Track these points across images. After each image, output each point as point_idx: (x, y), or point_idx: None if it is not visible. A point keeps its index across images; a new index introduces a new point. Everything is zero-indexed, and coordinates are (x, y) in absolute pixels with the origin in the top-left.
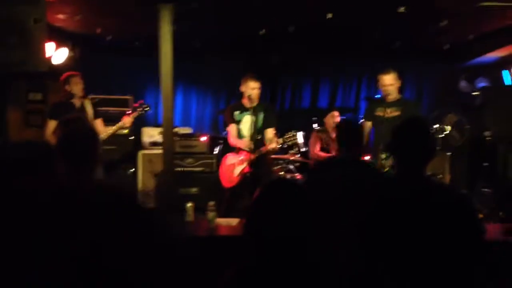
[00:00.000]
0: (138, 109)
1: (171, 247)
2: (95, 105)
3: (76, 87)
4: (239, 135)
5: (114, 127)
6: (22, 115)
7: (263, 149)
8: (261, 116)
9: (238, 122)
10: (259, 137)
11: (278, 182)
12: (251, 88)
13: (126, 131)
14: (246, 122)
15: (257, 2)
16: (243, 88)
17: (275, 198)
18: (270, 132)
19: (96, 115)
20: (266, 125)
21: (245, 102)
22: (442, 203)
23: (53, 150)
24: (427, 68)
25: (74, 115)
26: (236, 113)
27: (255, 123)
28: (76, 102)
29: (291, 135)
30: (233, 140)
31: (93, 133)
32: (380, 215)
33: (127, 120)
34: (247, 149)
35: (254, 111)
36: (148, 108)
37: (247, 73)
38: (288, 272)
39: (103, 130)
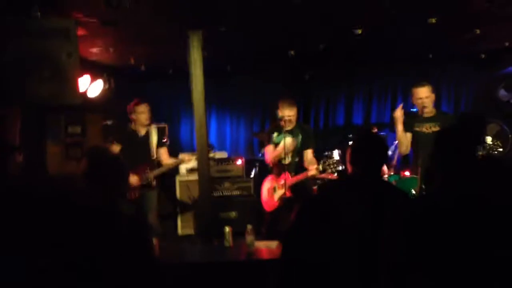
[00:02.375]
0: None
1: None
2: (161, 133)
3: (141, 116)
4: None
5: (174, 162)
6: (62, 148)
7: (301, 176)
8: (299, 138)
9: (276, 144)
10: (297, 160)
11: (314, 202)
12: (287, 115)
13: None
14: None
15: (285, 22)
16: (279, 112)
17: (313, 221)
18: (309, 153)
19: (160, 143)
20: (304, 146)
21: (283, 124)
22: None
23: None
24: (464, 78)
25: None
26: (275, 135)
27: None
28: (141, 130)
29: (331, 162)
30: (270, 156)
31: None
32: (426, 230)
33: (188, 158)
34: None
35: (292, 134)
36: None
37: (282, 97)
38: None
39: (167, 158)
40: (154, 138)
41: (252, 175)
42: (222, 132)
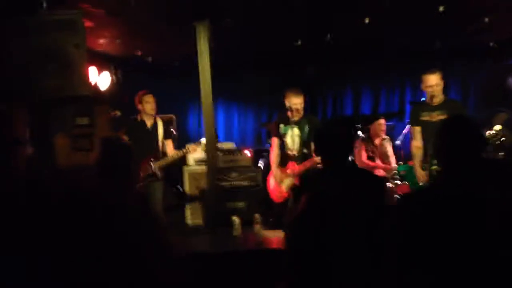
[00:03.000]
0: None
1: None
2: (167, 125)
3: (148, 105)
4: (285, 148)
5: (180, 153)
6: (70, 140)
7: (308, 163)
8: (306, 129)
9: (283, 135)
10: (305, 151)
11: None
12: (294, 104)
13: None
14: (291, 136)
15: (291, 13)
16: (286, 102)
17: (317, 213)
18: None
19: (168, 135)
20: (311, 138)
21: (290, 114)
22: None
23: None
24: (472, 67)
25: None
26: (282, 126)
27: (300, 136)
28: (148, 121)
29: None
30: (272, 157)
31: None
32: (427, 227)
33: (192, 148)
34: (277, 178)
35: (299, 125)
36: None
37: (289, 87)
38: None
39: (172, 151)
40: (160, 130)
41: (260, 165)
42: (230, 123)
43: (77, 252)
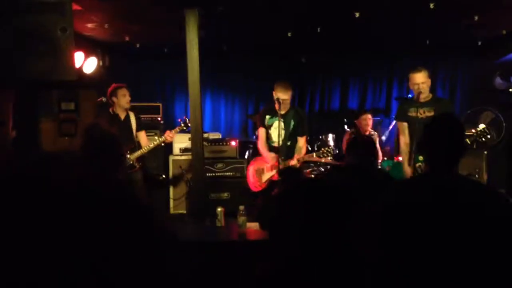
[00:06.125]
0: (181, 124)
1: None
2: (139, 117)
3: (124, 98)
4: (269, 140)
5: (155, 142)
6: (55, 125)
7: (286, 164)
8: (292, 122)
9: (269, 127)
10: (289, 144)
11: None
12: (281, 98)
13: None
14: (276, 128)
15: (282, 3)
16: (274, 94)
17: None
18: (301, 141)
19: (140, 127)
20: (297, 133)
21: (277, 107)
22: (474, 203)
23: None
24: (460, 65)
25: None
26: (268, 117)
27: (285, 129)
28: (121, 113)
29: (326, 150)
30: (260, 145)
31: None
32: (400, 220)
33: (168, 136)
34: (271, 162)
35: (285, 117)
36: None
37: (278, 79)
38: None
39: (146, 142)
40: (133, 123)
41: (245, 157)
42: (217, 114)
43: (68, 248)
